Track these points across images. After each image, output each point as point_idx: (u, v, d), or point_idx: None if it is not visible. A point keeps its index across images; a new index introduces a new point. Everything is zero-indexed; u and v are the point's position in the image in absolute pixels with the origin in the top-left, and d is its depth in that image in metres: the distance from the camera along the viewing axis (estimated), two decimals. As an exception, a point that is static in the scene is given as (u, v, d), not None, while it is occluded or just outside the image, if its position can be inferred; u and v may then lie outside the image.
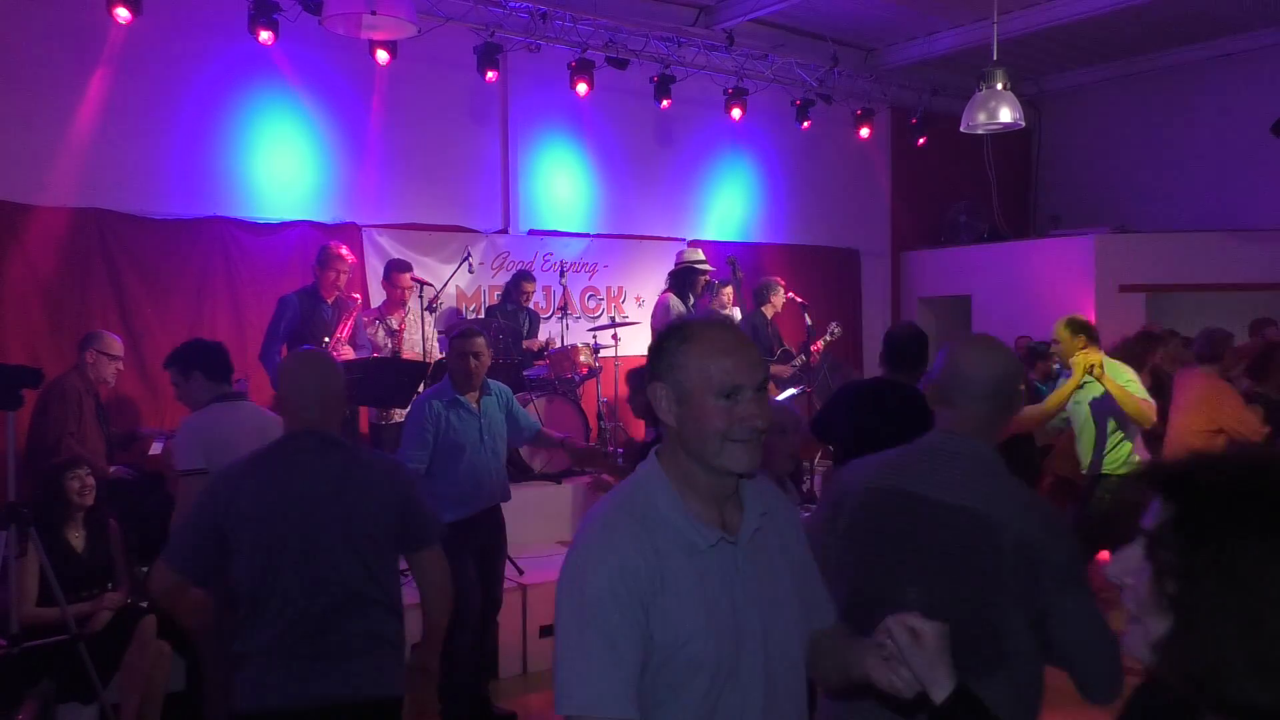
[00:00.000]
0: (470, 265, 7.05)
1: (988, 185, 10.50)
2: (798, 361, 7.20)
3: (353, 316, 5.86)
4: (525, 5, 7.28)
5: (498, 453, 4.37)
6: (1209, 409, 5.18)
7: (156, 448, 5.40)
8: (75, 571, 4.14)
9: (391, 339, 6.15)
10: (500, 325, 6.56)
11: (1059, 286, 9.08)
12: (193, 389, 3.70)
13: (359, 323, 6.04)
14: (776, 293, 7.39)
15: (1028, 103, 8.60)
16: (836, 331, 7.49)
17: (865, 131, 9.27)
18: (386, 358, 5.91)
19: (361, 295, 6.14)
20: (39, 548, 3.72)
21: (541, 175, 8.14)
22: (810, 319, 7.41)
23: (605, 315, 8.25)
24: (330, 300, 5.86)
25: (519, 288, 6.98)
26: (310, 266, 6.77)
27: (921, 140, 9.45)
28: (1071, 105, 10.88)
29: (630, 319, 7.87)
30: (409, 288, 6.25)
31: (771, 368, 6.91)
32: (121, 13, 5.83)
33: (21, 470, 4.70)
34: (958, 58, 9.11)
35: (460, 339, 4.32)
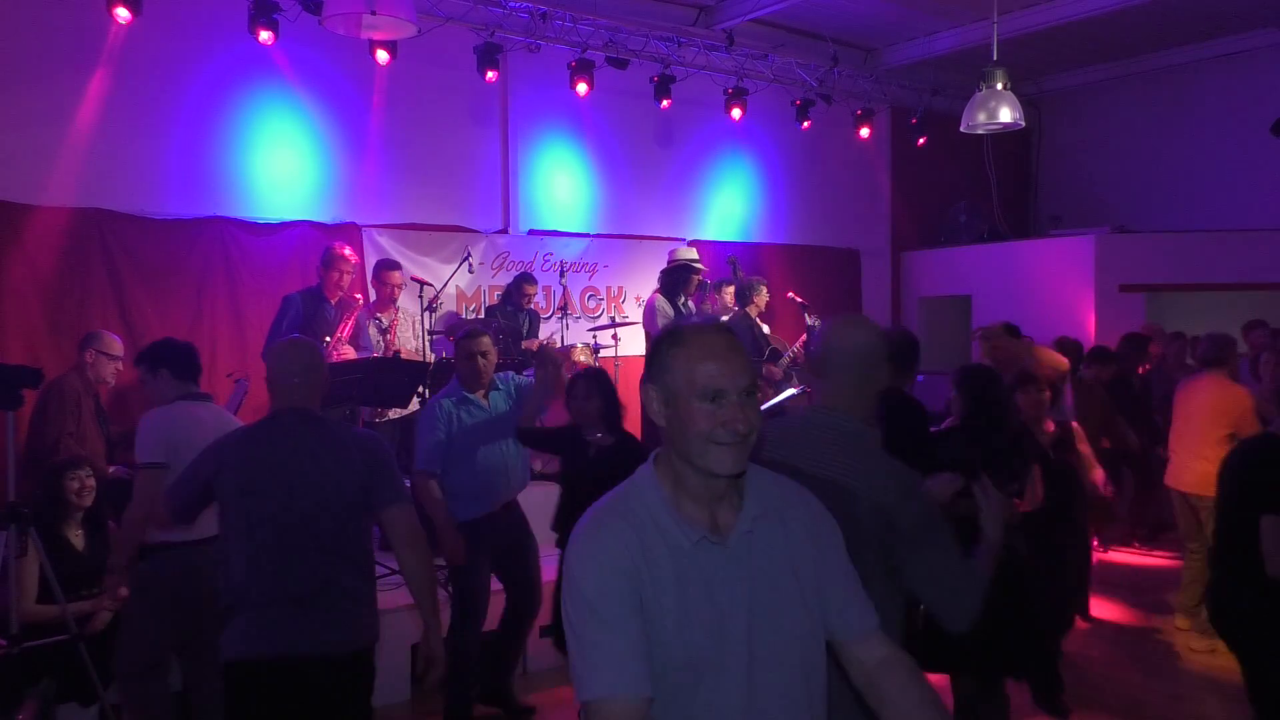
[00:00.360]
0: (470, 265, 7.05)
1: (988, 185, 10.50)
2: (784, 360, 7.19)
3: (353, 316, 5.87)
4: (525, 5, 7.28)
5: (506, 445, 4.43)
6: (1230, 416, 5.18)
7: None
8: (75, 571, 4.14)
9: (383, 337, 6.16)
10: (500, 326, 6.55)
11: (1059, 286, 9.08)
12: (159, 386, 3.76)
13: (361, 323, 6.04)
14: (760, 292, 7.38)
15: (1028, 103, 8.59)
16: (815, 324, 7.42)
17: (865, 131, 9.27)
18: (387, 358, 5.92)
19: (363, 295, 6.15)
20: (39, 547, 3.72)
21: (541, 175, 8.14)
22: (810, 319, 7.42)
23: (605, 315, 8.25)
24: (334, 300, 5.87)
25: (520, 290, 6.98)
26: (310, 266, 6.80)
27: (921, 140, 9.45)
28: (1071, 105, 10.88)
29: (630, 319, 7.88)
30: (399, 285, 6.29)
31: (763, 368, 6.92)
32: (121, 13, 5.83)
33: (21, 470, 4.71)
34: (958, 58, 9.11)
35: (466, 339, 4.41)
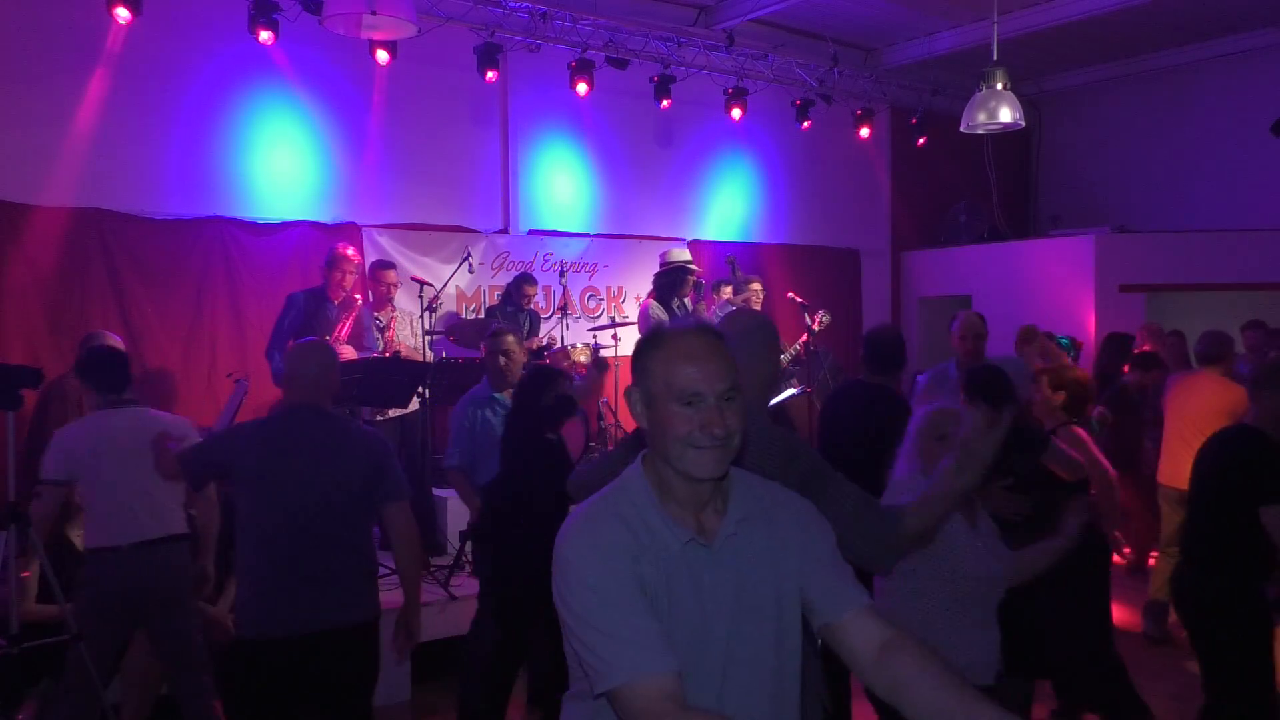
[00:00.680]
0: (470, 265, 7.04)
1: (988, 185, 10.50)
2: (785, 358, 7.18)
3: (352, 317, 5.87)
4: (525, 5, 7.28)
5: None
6: (1226, 414, 5.18)
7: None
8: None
9: (381, 336, 6.17)
10: (500, 326, 6.55)
11: (1059, 286, 9.08)
12: (90, 397, 3.84)
13: (364, 323, 6.05)
14: (751, 292, 7.38)
15: (1028, 103, 8.60)
16: (825, 320, 7.41)
17: (865, 131, 9.27)
18: (387, 358, 5.92)
19: (362, 296, 6.15)
20: (39, 547, 3.72)
21: (541, 175, 8.14)
22: (810, 319, 7.41)
23: (605, 315, 8.25)
24: (337, 301, 5.88)
25: (520, 290, 6.97)
26: (310, 266, 6.82)
27: (921, 140, 9.45)
28: (1071, 105, 10.88)
29: (630, 319, 7.87)
30: (394, 284, 6.30)
31: None
32: (121, 13, 5.84)
33: (21, 470, 4.70)
34: (958, 58, 9.11)
35: (491, 338, 4.60)
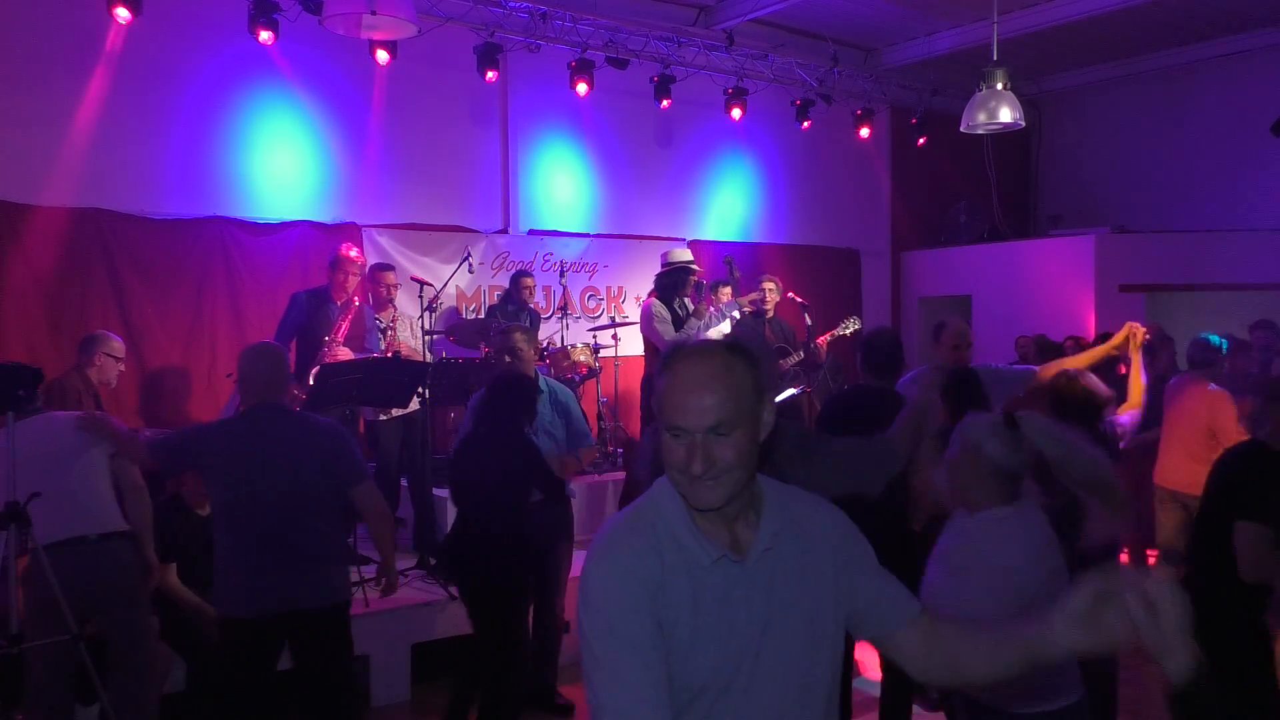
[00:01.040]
0: (470, 265, 7.03)
1: (988, 185, 10.50)
2: (793, 359, 7.16)
3: (351, 318, 5.87)
4: (525, 5, 7.28)
5: (542, 443, 4.41)
6: (1204, 418, 5.26)
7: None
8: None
9: (383, 336, 6.17)
10: (501, 326, 6.55)
11: (1059, 286, 9.08)
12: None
13: (365, 323, 6.05)
14: (765, 290, 7.37)
15: (1028, 103, 8.59)
16: (851, 325, 7.38)
17: (865, 131, 9.27)
18: (387, 358, 5.92)
19: (361, 296, 6.15)
20: (39, 547, 3.71)
21: (541, 175, 8.14)
22: (810, 319, 7.40)
23: (605, 315, 8.25)
24: (339, 302, 5.89)
25: (519, 286, 6.98)
26: (310, 266, 6.84)
27: (921, 140, 9.44)
28: (1071, 105, 10.88)
29: (630, 319, 7.86)
30: (394, 285, 6.29)
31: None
32: (121, 13, 5.84)
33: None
34: (958, 58, 9.11)
35: (500, 336, 4.61)
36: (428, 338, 6.38)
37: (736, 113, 8.42)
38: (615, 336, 7.38)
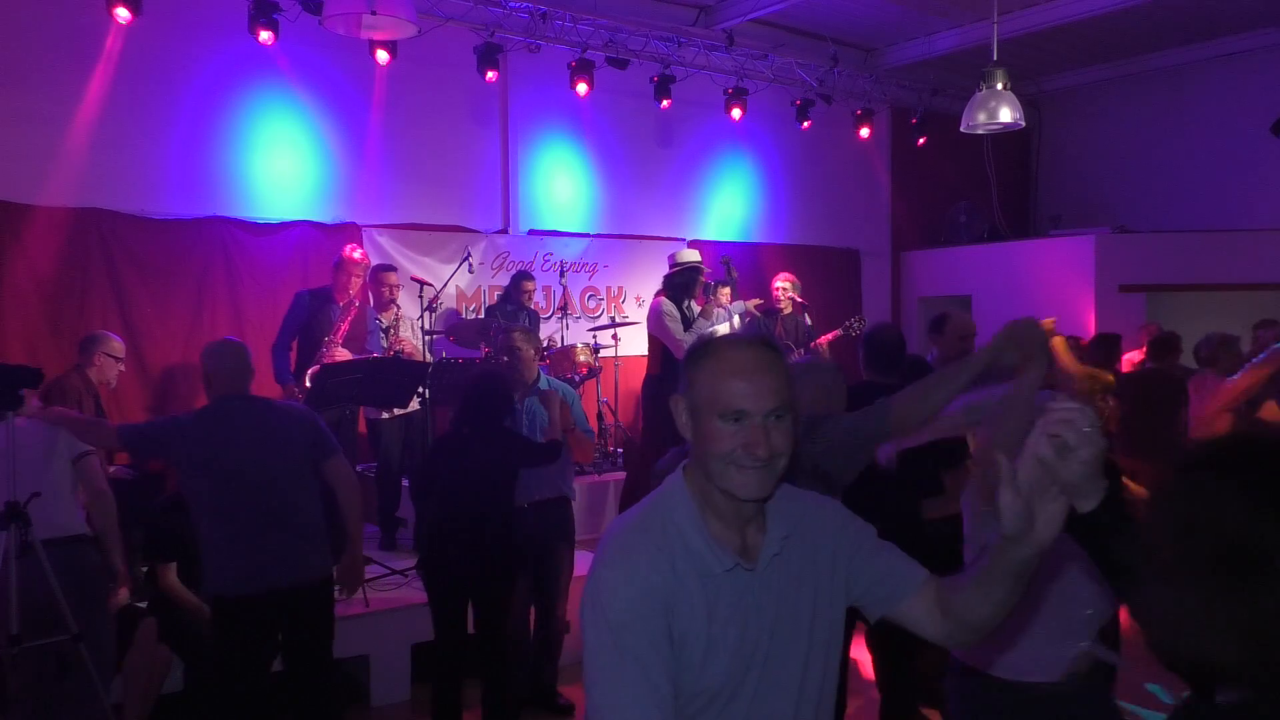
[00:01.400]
0: (470, 265, 7.04)
1: (988, 185, 10.50)
2: (793, 356, 7.17)
3: (351, 318, 5.87)
4: (525, 5, 7.28)
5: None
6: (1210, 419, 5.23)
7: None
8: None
9: (385, 336, 6.17)
10: (500, 326, 6.56)
11: (1059, 286, 9.08)
12: None
13: (366, 324, 6.05)
14: (779, 289, 7.41)
15: (1028, 103, 8.59)
16: (858, 325, 7.38)
17: (865, 131, 9.27)
18: (387, 358, 5.92)
19: (362, 298, 6.15)
20: (40, 547, 3.71)
21: (541, 175, 8.14)
22: (810, 319, 7.41)
23: (605, 315, 8.25)
24: (341, 303, 5.90)
25: (519, 287, 6.98)
26: (309, 266, 6.84)
27: (921, 140, 9.45)
28: (1071, 105, 10.88)
29: (630, 319, 7.87)
30: (395, 286, 6.30)
31: None
32: (121, 13, 5.84)
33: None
34: (958, 58, 9.11)
35: (499, 336, 4.66)
36: (428, 338, 6.39)
37: (736, 113, 8.42)
38: (615, 336, 7.38)
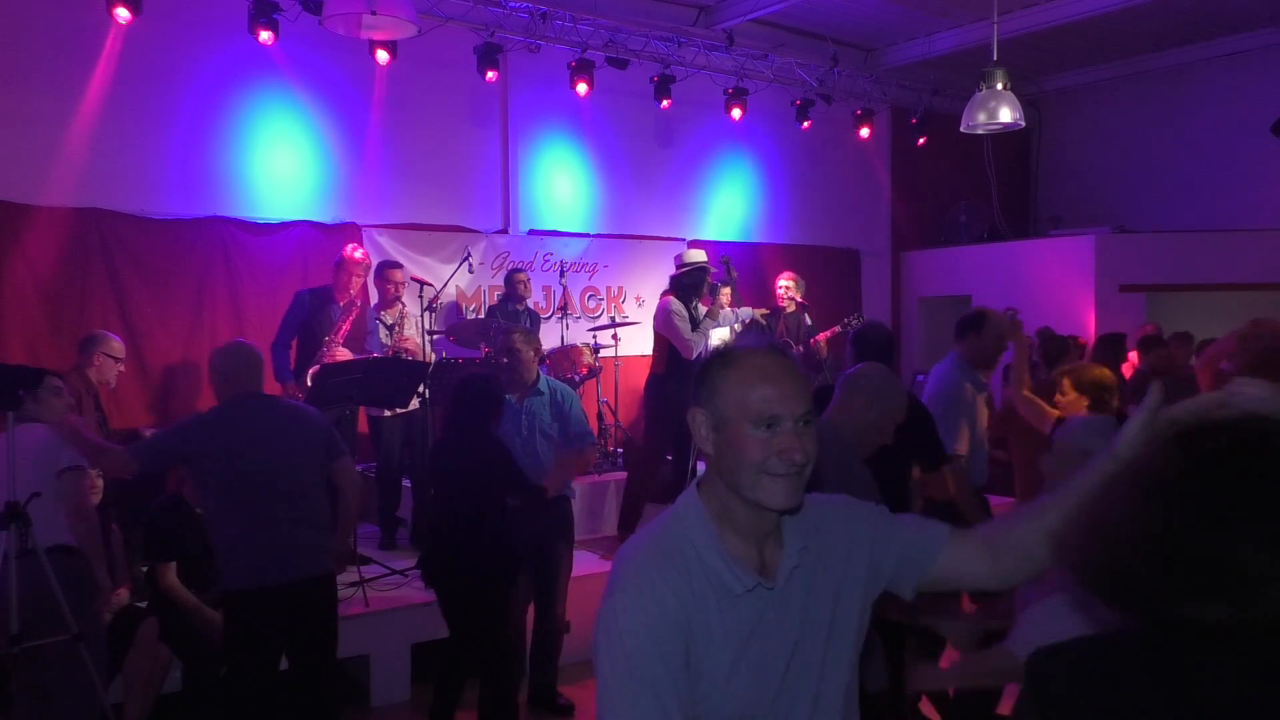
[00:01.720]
0: (470, 265, 7.04)
1: (988, 185, 10.50)
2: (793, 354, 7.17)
3: (352, 318, 5.87)
4: (525, 5, 7.28)
5: (535, 450, 4.43)
6: None
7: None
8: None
9: (390, 335, 6.17)
10: (501, 326, 6.56)
11: (1059, 286, 9.08)
12: None
13: (366, 324, 6.05)
14: (783, 288, 7.42)
15: (1028, 103, 8.59)
16: (854, 322, 7.37)
17: (865, 131, 9.27)
18: (387, 358, 5.92)
19: (363, 298, 6.15)
20: (39, 547, 3.71)
21: (541, 175, 8.14)
22: (810, 319, 7.40)
23: (605, 315, 8.25)
24: (341, 303, 5.90)
25: (513, 282, 7.01)
26: (309, 266, 6.85)
27: (921, 140, 9.45)
28: (1071, 105, 10.88)
29: (630, 319, 7.87)
30: (401, 283, 6.29)
31: None
32: (121, 13, 5.84)
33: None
34: (958, 58, 9.11)
35: (499, 336, 4.68)
36: (429, 337, 6.39)
37: (736, 113, 8.42)
38: (615, 336, 7.38)
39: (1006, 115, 6.55)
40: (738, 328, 6.89)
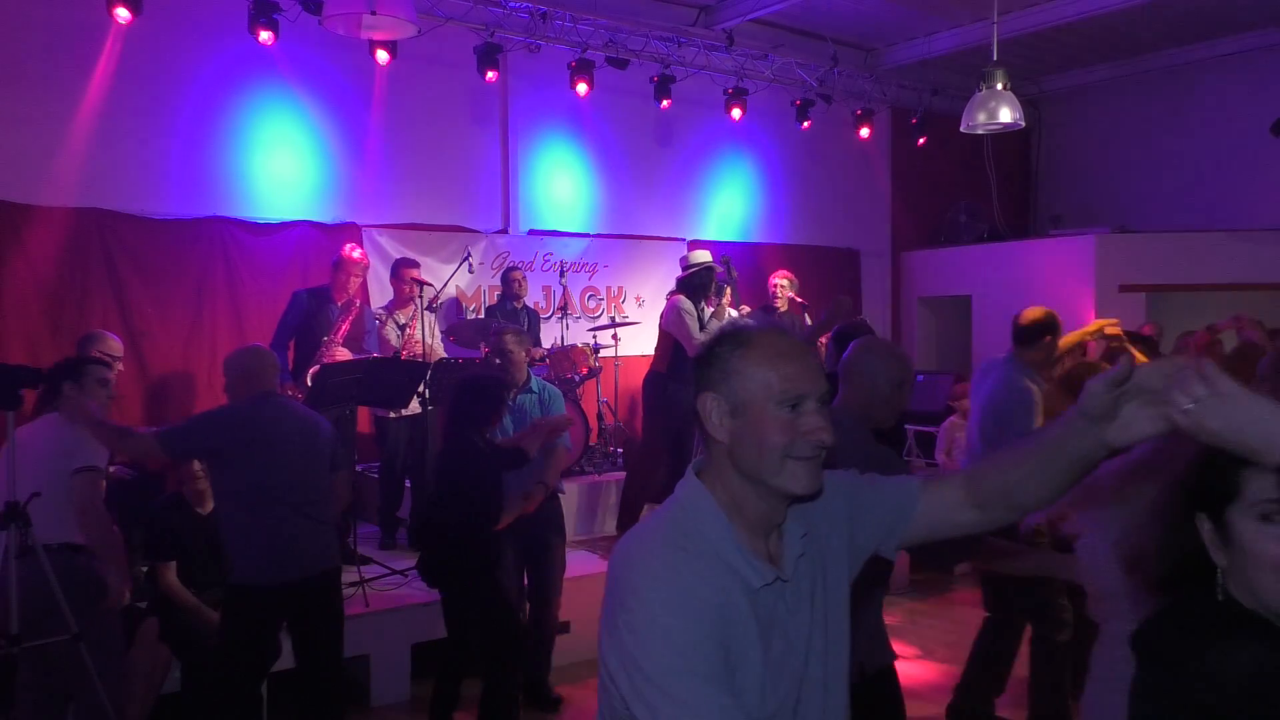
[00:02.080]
0: (470, 265, 7.05)
1: (988, 185, 10.50)
2: None
3: (351, 318, 5.87)
4: (525, 5, 7.28)
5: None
6: None
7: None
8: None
9: (400, 335, 6.16)
10: (500, 326, 6.56)
11: (1059, 286, 9.07)
12: None
13: (366, 323, 6.04)
14: (778, 286, 7.41)
15: (1028, 103, 8.59)
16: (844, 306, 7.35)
17: (865, 131, 9.27)
18: (387, 358, 5.92)
19: (360, 296, 6.15)
20: (39, 547, 3.71)
21: (541, 175, 8.14)
22: (810, 319, 7.41)
23: (605, 315, 8.25)
24: (339, 302, 5.89)
25: (509, 280, 7.02)
26: (309, 266, 6.84)
27: (921, 140, 9.44)
28: (1071, 105, 10.88)
29: (630, 319, 7.88)
30: (416, 281, 6.28)
31: None
32: (121, 13, 5.83)
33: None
34: (958, 58, 9.11)
35: (494, 339, 4.78)
36: (438, 339, 6.40)
37: (736, 113, 8.42)
38: (615, 336, 7.38)
39: (1006, 115, 6.55)
40: None
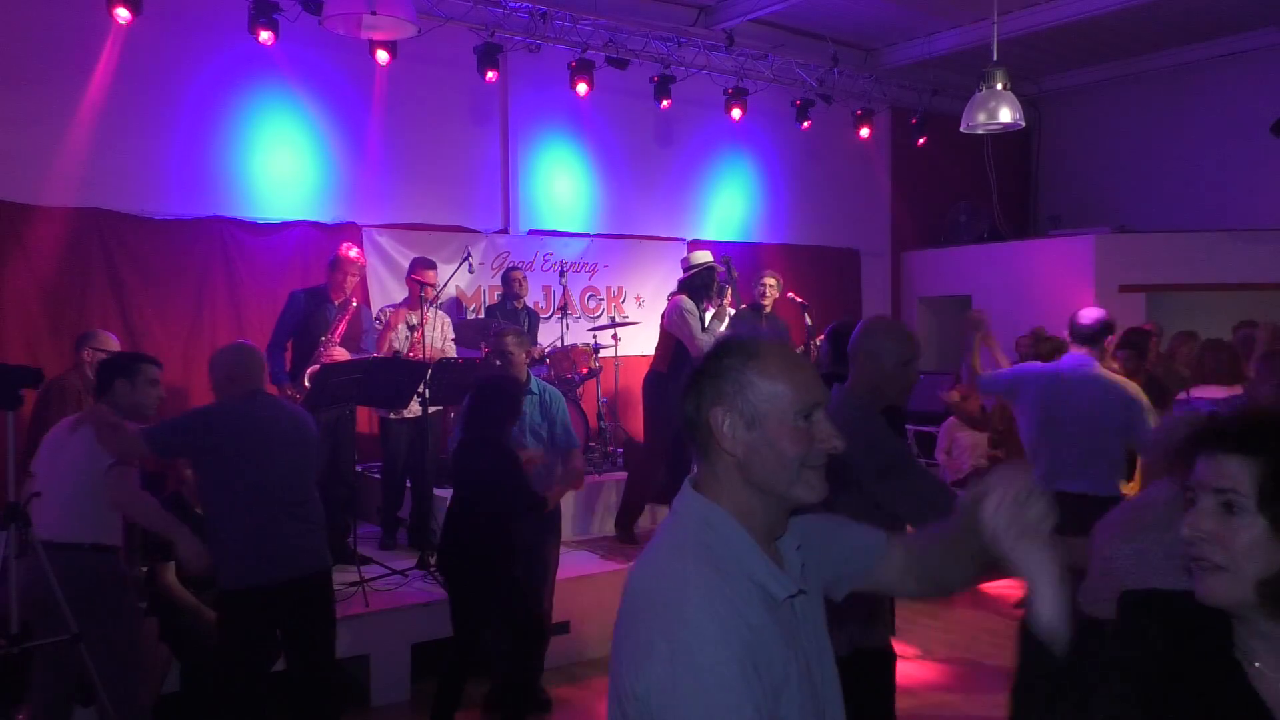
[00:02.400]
0: (470, 265, 7.04)
1: (988, 185, 10.50)
2: None
3: (348, 318, 5.87)
4: (525, 5, 7.28)
5: (525, 446, 4.49)
6: None
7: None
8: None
9: (411, 334, 6.16)
10: (501, 326, 6.56)
11: (1059, 286, 9.08)
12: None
13: (364, 323, 6.04)
14: (766, 286, 7.37)
15: (1028, 103, 8.59)
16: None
17: (865, 131, 9.27)
18: (387, 358, 5.91)
19: (359, 297, 6.14)
20: (39, 547, 3.71)
21: (541, 175, 8.14)
22: (810, 319, 7.40)
23: (605, 315, 8.25)
24: (337, 302, 5.89)
25: (509, 280, 7.02)
26: (310, 266, 6.83)
27: (921, 140, 9.45)
28: (1071, 105, 10.88)
29: (630, 319, 7.87)
30: (432, 284, 6.28)
31: None
32: (121, 13, 5.83)
33: (21, 470, 4.70)
34: (958, 58, 9.11)
35: (494, 339, 4.76)
36: (450, 341, 6.40)
37: (736, 113, 8.42)
38: (615, 336, 7.37)
39: (1006, 115, 6.55)
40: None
